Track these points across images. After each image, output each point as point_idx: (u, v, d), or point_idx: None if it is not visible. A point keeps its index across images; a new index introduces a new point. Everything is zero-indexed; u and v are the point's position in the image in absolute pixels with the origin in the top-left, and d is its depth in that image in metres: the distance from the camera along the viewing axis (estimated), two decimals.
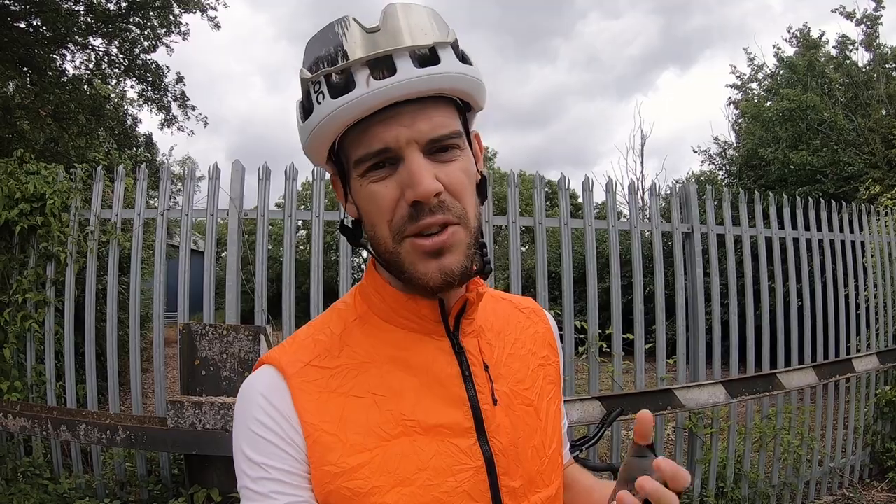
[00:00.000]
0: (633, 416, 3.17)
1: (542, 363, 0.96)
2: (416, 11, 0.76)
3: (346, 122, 0.75)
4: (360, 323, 0.86)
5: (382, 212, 0.77)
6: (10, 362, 3.46)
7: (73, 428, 2.97)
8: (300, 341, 0.85)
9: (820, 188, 9.66)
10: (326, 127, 0.76)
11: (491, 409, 0.84)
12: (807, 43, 12.71)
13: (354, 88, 0.72)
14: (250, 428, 0.78)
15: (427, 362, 0.83)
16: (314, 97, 0.75)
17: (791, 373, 3.80)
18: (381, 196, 0.76)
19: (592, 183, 3.86)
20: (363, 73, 0.72)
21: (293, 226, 3.57)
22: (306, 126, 0.78)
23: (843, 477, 4.74)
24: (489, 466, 0.82)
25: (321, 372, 0.81)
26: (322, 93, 0.74)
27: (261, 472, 0.77)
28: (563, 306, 3.72)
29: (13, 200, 3.46)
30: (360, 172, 0.77)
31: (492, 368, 0.87)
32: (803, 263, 4.58)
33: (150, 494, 3.46)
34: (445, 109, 0.78)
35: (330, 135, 0.77)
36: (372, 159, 0.76)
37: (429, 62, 0.74)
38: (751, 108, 12.70)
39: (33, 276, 3.52)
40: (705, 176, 13.75)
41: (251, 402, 0.80)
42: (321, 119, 0.75)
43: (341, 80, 0.73)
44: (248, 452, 0.78)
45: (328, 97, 0.74)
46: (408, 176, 0.74)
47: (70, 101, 10.51)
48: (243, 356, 2.98)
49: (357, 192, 0.79)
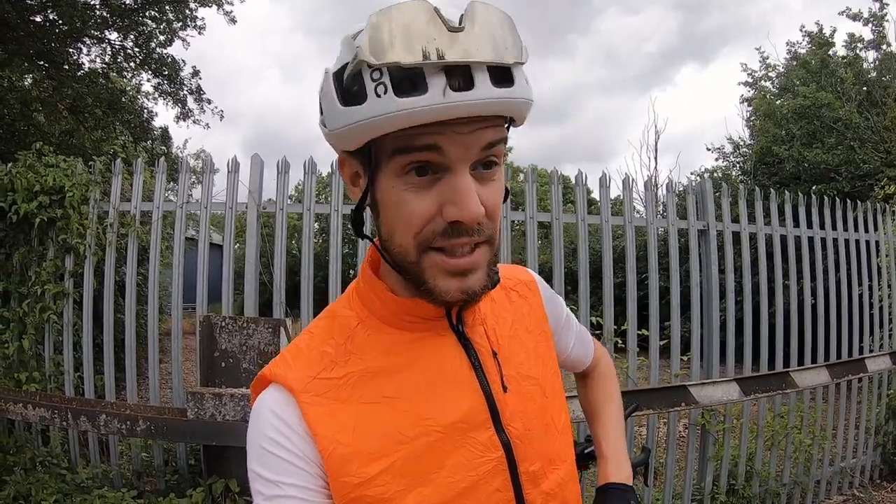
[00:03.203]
0: (647, 412, 3.18)
1: (539, 339, 0.97)
2: (500, 19, 0.70)
3: (405, 125, 0.67)
4: (362, 329, 0.84)
5: (411, 223, 0.73)
6: (28, 353, 3.49)
7: (94, 418, 3.01)
8: (304, 354, 0.83)
9: (835, 186, 9.59)
10: (381, 123, 0.68)
11: (503, 397, 0.84)
12: (819, 41, 12.61)
13: (426, 93, 0.66)
14: (262, 446, 0.78)
15: (435, 359, 0.83)
16: (371, 85, 0.67)
17: (804, 371, 3.79)
18: (415, 208, 0.72)
19: (609, 179, 3.86)
20: (439, 80, 0.66)
21: (311, 219, 3.59)
22: (349, 113, 0.69)
23: (854, 477, 4.72)
24: (508, 455, 0.82)
25: (329, 384, 0.79)
26: (384, 84, 0.66)
27: (275, 489, 0.76)
28: (578, 302, 3.73)
29: (32, 193, 3.48)
30: (398, 171, 0.72)
31: (499, 354, 0.87)
32: (818, 262, 4.56)
33: (166, 484, 3.49)
34: (498, 126, 0.73)
35: (379, 131, 0.69)
36: (416, 164, 0.71)
37: (504, 81, 0.69)
38: (763, 105, 12.62)
39: (52, 268, 3.54)
40: (720, 171, 13.67)
41: (262, 422, 0.79)
42: (378, 114, 0.67)
43: (409, 76, 0.66)
44: (261, 471, 0.77)
45: (391, 92, 0.66)
46: (453, 194, 0.71)
47: (87, 95, 10.59)
48: (263, 348, 3.01)
49: (385, 188, 0.74)
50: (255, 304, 3.49)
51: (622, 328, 3.80)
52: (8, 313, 3.54)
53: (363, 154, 0.75)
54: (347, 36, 0.72)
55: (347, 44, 0.71)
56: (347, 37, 0.71)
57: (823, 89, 10.96)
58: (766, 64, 13.99)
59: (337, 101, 0.71)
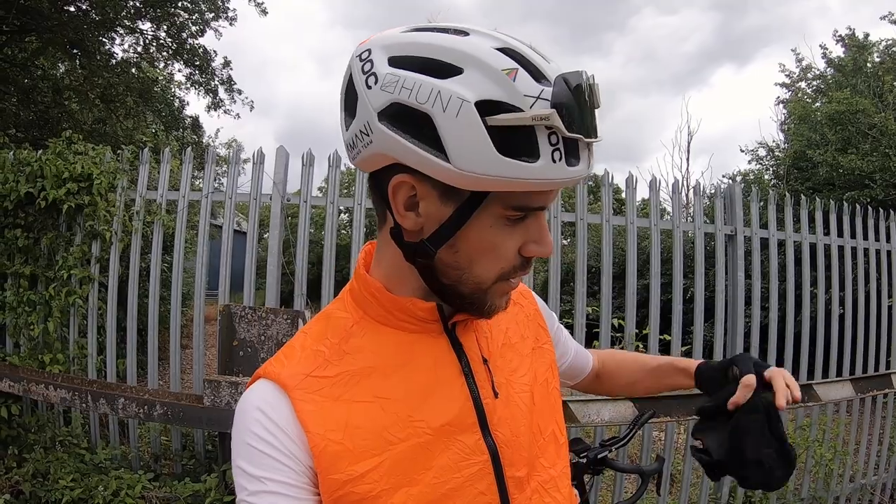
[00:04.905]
0: (665, 419, 3.12)
1: (534, 346, 0.98)
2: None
3: (550, 189, 0.73)
4: (357, 329, 0.85)
5: (502, 258, 0.78)
6: (53, 335, 3.56)
7: (112, 401, 3.05)
8: (298, 353, 0.85)
9: (868, 194, 9.37)
10: (543, 185, 0.70)
11: (492, 403, 0.85)
12: (854, 44, 12.35)
13: (578, 165, 0.71)
14: (247, 442, 0.78)
15: (427, 363, 0.84)
16: (548, 149, 0.68)
17: (828, 385, 3.69)
18: (509, 247, 0.77)
19: (636, 180, 3.81)
20: (585, 153, 0.72)
21: (335, 212, 3.60)
22: (511, 165, 0.68)
23: (874, 494, 4.59)
24: (494, 459, 0.83)
25: (322, 381, 0.81)
26: (560, 151, 0.69)
27: (259, 485, 0.76)
28: (601, 303, 3.69)
29: (61, 180, 3.54)
30: (500, 215, 0.74)
31: (490, 361, 0.88)
32: (847, 271, 4.46)
33: (183, 468, 3.55)
34: None
35: (527, 189, 0.71)
36: (524, 212, 0.75)
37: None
38: (798, 108, 12.40)
39: (78, 254, 3.60)
40: (753, 174, 13.45)
41: (247, 417, 0.80)
42: (550, 178, 0.69)
43: (570, 147, 0.70)
44: (246, 467, 0.78)
45: (563, 161, 0.69)
46: (538, 235, 0.78)
47: (118, 84, 10.75)
48: (281, 339, 3.02)
49: (482, 227, 0.75)
50: (277, 296, 3.51)
51: (644, 332, 3.76)
52: (34, 296, 3.61)
53: (458, 191, 0.73)
54: (488, 63, 0.68)
55: (498, 80, 0.68)
56: (492, 66, 0.68)
57: (859, 94, 10.73)
58: (803, 66, 13.75)
59: (490, 144, 0.67)
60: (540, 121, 0.67)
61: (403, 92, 0.68)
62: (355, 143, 0.75)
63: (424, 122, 0.68)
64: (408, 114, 0.69)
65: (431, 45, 0.70)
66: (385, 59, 0.71)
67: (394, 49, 0.72)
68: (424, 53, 0.70)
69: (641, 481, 2.21)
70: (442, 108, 0.67)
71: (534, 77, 0.68)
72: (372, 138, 0.72)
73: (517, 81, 0.67)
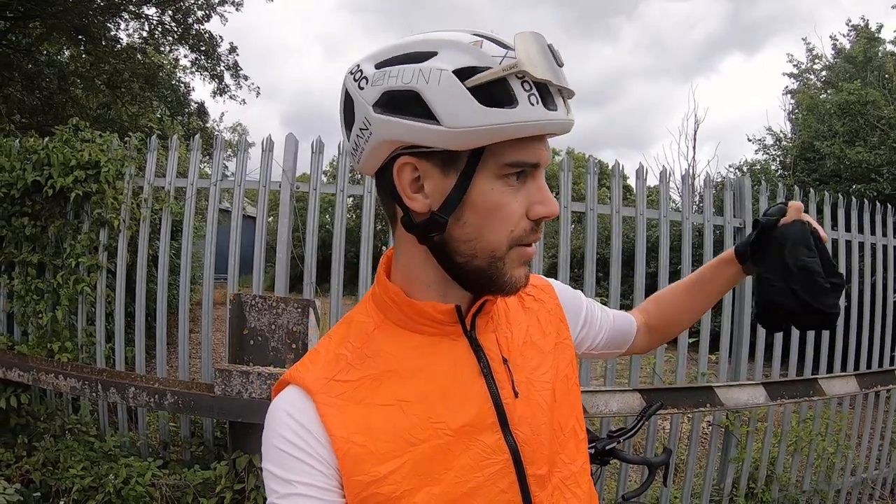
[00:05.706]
0: (671, 411, 3.14)
1: (556, 342, 1.00)
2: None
3: (539, 133, 0.77)
4: (379, 333, 0.87)
5: (508, 223, 0.80)
6: (61, 323, 3.57)
7: (123, 391, 3.06)
8: (321, 357, 0.87)
9: (875, 187, 9.32)
10: (525, 128, 0.74)
11: (512, 402, 0.87)
12: (865, 34, 12.25)
13: (556, 109, 0.76)
14: (276, 446, 0.80)
15: (448, 364, 0.85)
16: (523, 94, 0.74)
17: (833, 379, 3.70)
18: (514, 208, 0.80)
19: (647, 171, 3.80)
20: (560, 101, 0.78)
21: (345, 200, 3.60)
22: (493, 113, 0.73)
23: (875, 489, 4.61)
24: (515, 458, 0.85)
25: (345, 385, 0.83)
26: (535, 96, 0.74)
27: (289, 488, 0.78)
28: (609, 293, 3.70)
29: (68, 168, 3.53)
30: (499, 175, 0.78)
31: (510, 360, 0.90)
32: (854, 266, 4.45)
33: (191, 455, 3.57)
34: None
35: (515, 135, 0.75)
36: (520, 168, 0.78)
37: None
38: (806, 99, 12.32)
39: (86, 241, 3.61)
40: (759, 165, 13.38)
41: (277, 422, 0.82)
42: (530, 120, 0.74)
43: (543, 92, 0.75)
44: (276, 470, 0.80)
45: (541, 104, 0.74)
46: (540, 195, 0.81)
47: (124, 70, 10.71)
48: (291, 328, 3.03)
49: (484, 191, 0.78)
50: (286, 283, 3.51)
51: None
52: (42, 284, 3.62)
53: (456, 158, 0.78)
54: (457, 41, 0.76)
55: (467, 49, 0.75)
56: (461, 42, 0.76)
57: (869, 86, 10.66)
58: (813, 56, 13.65)
59: (473, 100, 0.73)
60: (510, 69, 0.73)
61: (391, 80, 0.76)
62: (358, 143, 0.81)
63: (413, 99, 0.74)
64: (398, 96, 0.75)
65: (408, 42, 0.79)
66: (372, 65, 0.79)
67: (378, 56, 0.79)
68: (403, 50, 0.78)
69: (648, 473, 2.23)
70: (425, 81, 0.74)
71: (498, 45, 0.75)
72: (371, 130, 0.78)
73: (484, 48, 0.75)
